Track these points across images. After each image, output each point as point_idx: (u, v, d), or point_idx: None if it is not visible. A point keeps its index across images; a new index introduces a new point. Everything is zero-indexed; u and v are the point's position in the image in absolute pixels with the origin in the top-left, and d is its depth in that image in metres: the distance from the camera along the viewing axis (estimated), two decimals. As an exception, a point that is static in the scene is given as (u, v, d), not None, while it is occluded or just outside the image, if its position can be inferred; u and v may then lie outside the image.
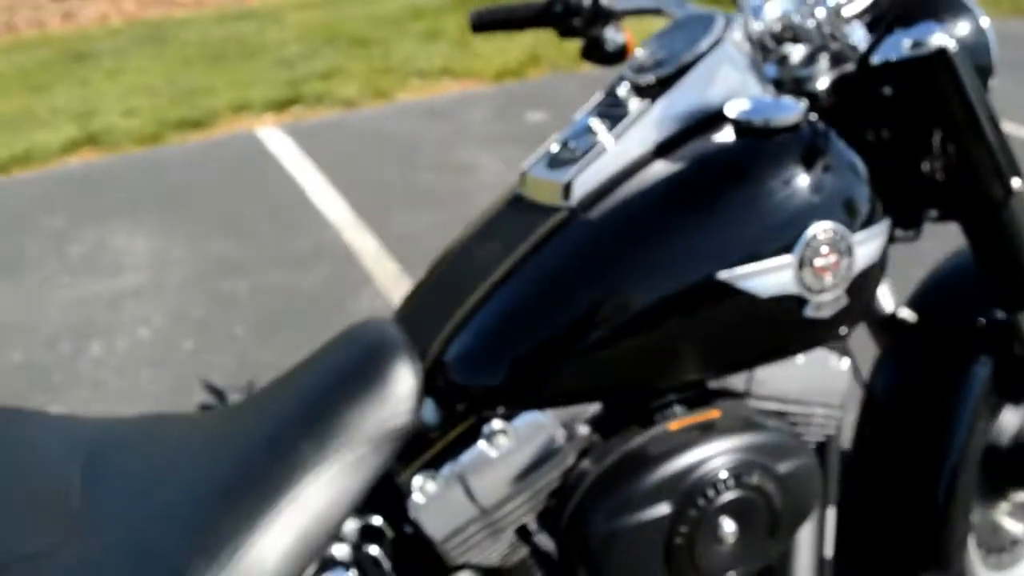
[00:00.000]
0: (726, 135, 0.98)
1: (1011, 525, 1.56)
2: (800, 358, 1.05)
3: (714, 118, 0.99)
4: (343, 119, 4.73)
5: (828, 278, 0.94)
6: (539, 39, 5.39)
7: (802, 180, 0.95)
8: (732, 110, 0.97)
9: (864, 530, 1.40)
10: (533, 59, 5.28)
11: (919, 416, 1.38)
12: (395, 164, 3.95)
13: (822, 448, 1.15)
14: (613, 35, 1.30)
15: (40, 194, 4.00)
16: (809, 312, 0.95)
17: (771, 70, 1.10)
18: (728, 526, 0.95)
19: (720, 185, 0.95)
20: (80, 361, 2.61)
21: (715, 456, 0.94)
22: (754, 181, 0.94)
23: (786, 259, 0.93)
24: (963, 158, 1.10)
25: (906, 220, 1.19)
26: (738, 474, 0.94)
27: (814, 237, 0.93)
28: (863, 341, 1.34)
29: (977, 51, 1.18)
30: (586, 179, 0.97)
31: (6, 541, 0.83)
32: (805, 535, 1.17)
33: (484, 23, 1.37)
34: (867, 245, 0.97)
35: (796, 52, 1.11)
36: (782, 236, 0.93)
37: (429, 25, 6.26)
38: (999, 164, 1.10)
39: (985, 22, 1.20)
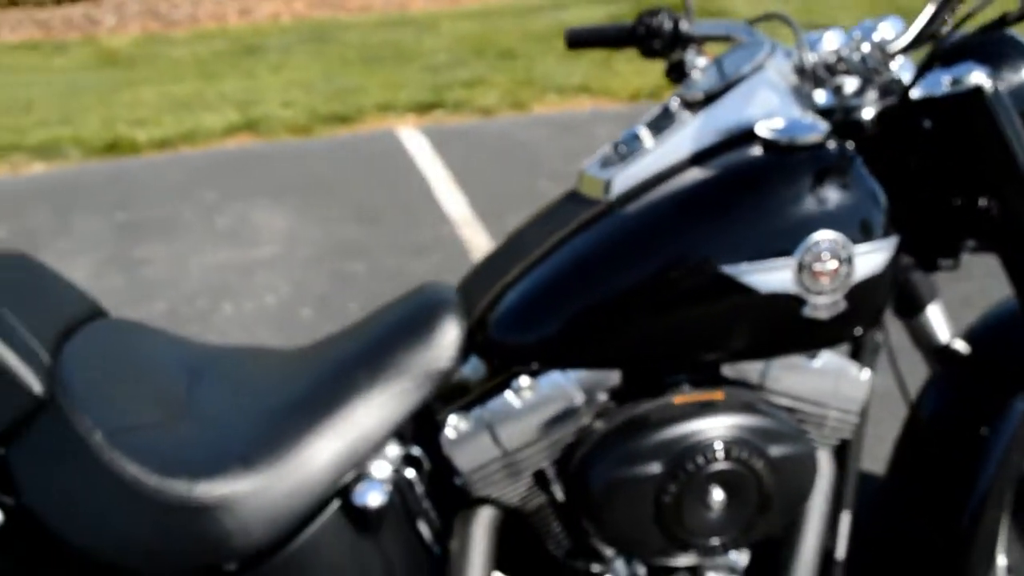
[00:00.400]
0: (755, 150, 1.10)
1: (1056, 569, 1.56)
2: (817, 362, 1.14)
3: (748, 134, 1.11)
4: (478, 126, 4.97)
5: (826, 282, 1.05)
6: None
7: (813, 192, 1.06)
8: (761, 128, 1.09)
9: (890, 542, 1.46)
10: (670, 82, 5.38)
11: (956, 441, 1.42)
12: (519, 170, 4.15)
13: (841, 452, 1.24)
14: (693, 58, 1.42)
15: (199, 170, 4.41)
16: (807, 312, 1.06)
17: (828, 98, 1.19)
18: (716, 495, 1.07)
19: (737, 192, 1.07)
20: (213, 316, 2.92)
21: (709, 430, 1.06)
22: (768, 190, 1.06)
23: (787, 261, 1.04)
24: (997, 191, 1.17)
25: (945, 249, 1.26)
26: (728, 449, 1.05)
27: (816, 243, 1.04)
28: (916, 365, 1.41)
29: None
30: (625, 178, 1.12)
31: (125, 413, 1.04)
32: (812, 531, 1.24)
33: (578, 40, 1.52)
34: (869, 257, 1.07)
35: (849, 83, 1.20)
36: (786, 240, 1.04)
37: (574, 43, 6.44)
38: None
39: None
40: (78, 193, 4.15)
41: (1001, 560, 1.47)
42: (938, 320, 1.44)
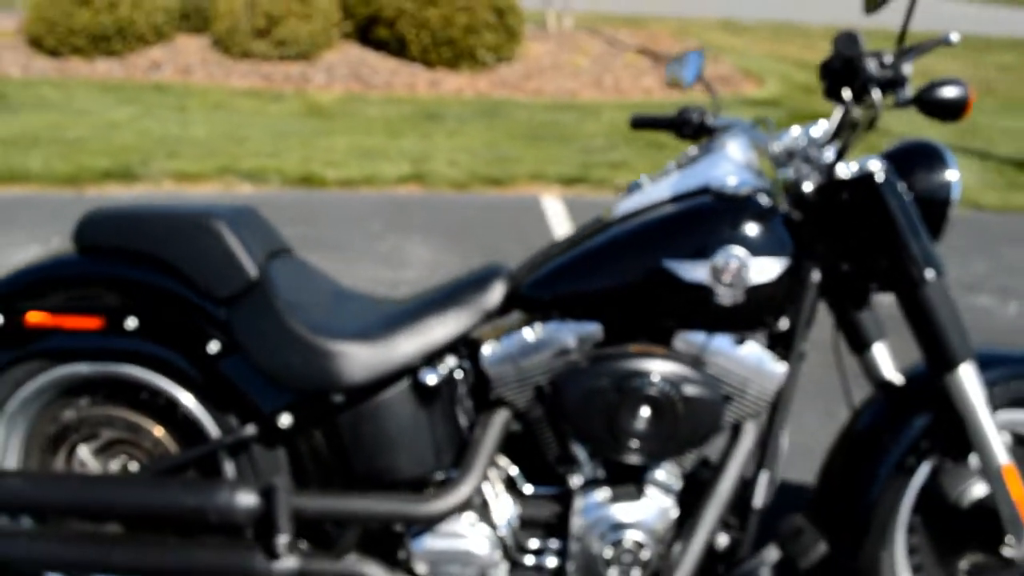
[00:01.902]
0: (707, 196, 1.68)
1: (966, 583, 1.95)
2: (743, 349, 1.69)
3: (706, 187, 1.70)
4: (613, 200, 5.62)
5: (728, 279, 1.61)
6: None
7: (735, 223, 1.63)
8: (712, 183, 1.68)
9: (811, 507, 1.90)
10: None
11: (871, 444, 1.88)
12: (635, 241, 4.74)
13: (770, 422, 1.75)
14: (713, 142, 2.01)
15: (372, 206, 5.28)
16: (716, 299, 1.62)
17: (791, 172, 1.75)
18: (644, 412, 1.63)
19: (686, 219, 1.66)
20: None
21: (648, 367, 1.63)
22: (706, 220, 1.64)
23: (705, 262, 1.61)
24: (887, 249, 1.69)
25: (860, 289, 1.78)
26: (655, 381, 1.62)
27: (726, 252, 1.61)
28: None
29: (942, 188, 1.75)
30: (624, 207, 1.73)
31: (298, 297, 1.74)
32: (730, 479, 1.74)
33: (639, 123, 2.15)
34: (761, 268, 1.62)
35: (803, 166, 1.76)
36: (708, 248, 1.61)
37: (718, 142, 7.03)
38: (914, 256, 1.67)
39: (954, 175, 1.77)
40: (274, 209, 5.04)
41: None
42: (882, 356, 1.90)
